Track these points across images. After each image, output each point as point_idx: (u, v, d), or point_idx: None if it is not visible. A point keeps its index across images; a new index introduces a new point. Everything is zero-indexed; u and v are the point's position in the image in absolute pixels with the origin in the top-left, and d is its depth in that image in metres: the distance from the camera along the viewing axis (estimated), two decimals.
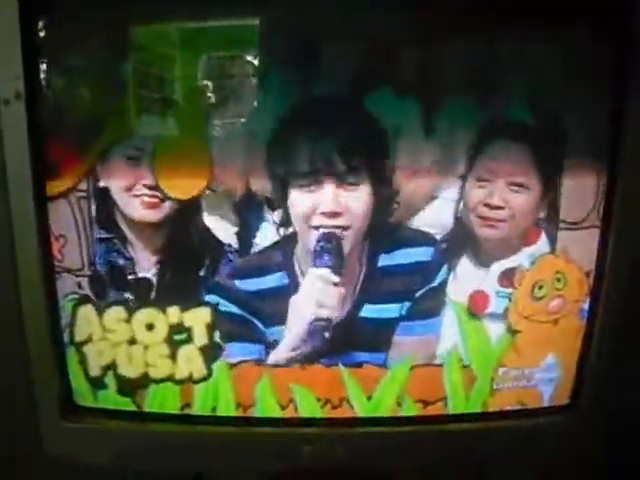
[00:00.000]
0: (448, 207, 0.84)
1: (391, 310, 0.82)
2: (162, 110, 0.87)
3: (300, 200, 0.76)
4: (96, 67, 0.86)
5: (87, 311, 0.92)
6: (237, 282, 0.80)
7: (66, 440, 0.96)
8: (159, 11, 0.86)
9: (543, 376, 0.97)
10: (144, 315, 0.92)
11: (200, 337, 0.92)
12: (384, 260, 0.80)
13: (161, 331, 0.92)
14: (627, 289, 0.93)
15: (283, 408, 0.95)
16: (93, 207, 0.89)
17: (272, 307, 0.81)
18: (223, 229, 0.82)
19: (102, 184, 0.87)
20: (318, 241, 0.76)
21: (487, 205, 0.86)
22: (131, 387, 0.95)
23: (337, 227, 0.76)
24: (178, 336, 0.92)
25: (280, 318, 0.83)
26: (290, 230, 0.80)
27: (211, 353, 0.93)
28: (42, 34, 0.85)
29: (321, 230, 0.76)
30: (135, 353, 0.93)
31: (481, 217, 0.86)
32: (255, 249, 0.81)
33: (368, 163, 0.75)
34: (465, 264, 0.90)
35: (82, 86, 0.87)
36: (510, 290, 0.92)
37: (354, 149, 0.74)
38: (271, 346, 0.84)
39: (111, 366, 0.94)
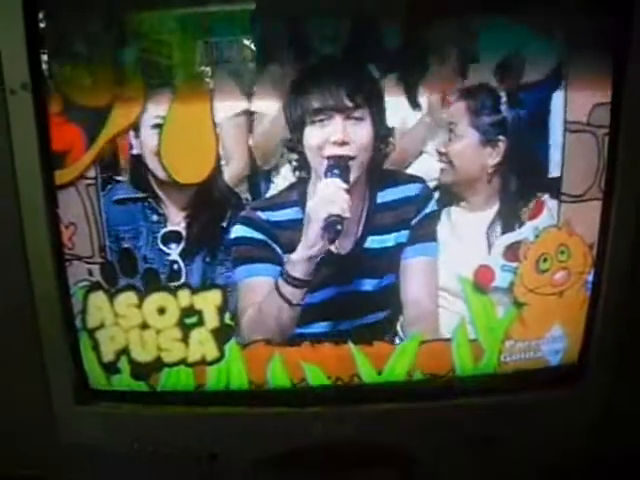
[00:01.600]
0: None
1: (392, 239, 0.93)
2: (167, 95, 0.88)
3: (314, 133, 0.88)
4: (100, 55, 0.87)
5: (98, 297, 0.93)
6: (259, 213, 0.92)
7: (80, 424, 0.98)
8: None
9: (549, 347, 0.98)
10: (155, 300, 0.93)
11: (211, 319, 0.94)
12: (382, 197, 0.92)
13: (172, 315, 0.93)
14: (630, 260, 0.94)
15: (294, 386, 0.96)
16: (102, 194, 0.90)
17: (289, 236, 0.91)
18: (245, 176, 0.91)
19: (135, 151, 0.89)
20: (329, 163, 0.88)
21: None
22: (144, 371, 0.96)
23: (345, 156, 0.88)
24: (189, 319, 0.94)
25: (296, 246, 0.91)
26: (304, 172, 0.91)
27: (223, 335, 0.94)
28: (45, 24, 0.86)
29: (333, 156, 0.88)
30: (147, 337, 0.94)
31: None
32: (275, 189, 0.91)
33: (370, 101, 0.88)
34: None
35: (87, 74, 0.87)
36: (515, 264, 0.94)
37: (358, 88, 0.87)
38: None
39: (124, 351, 0.95)
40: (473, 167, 0.92)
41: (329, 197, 0.88)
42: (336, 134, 0.88)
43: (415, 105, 0.89)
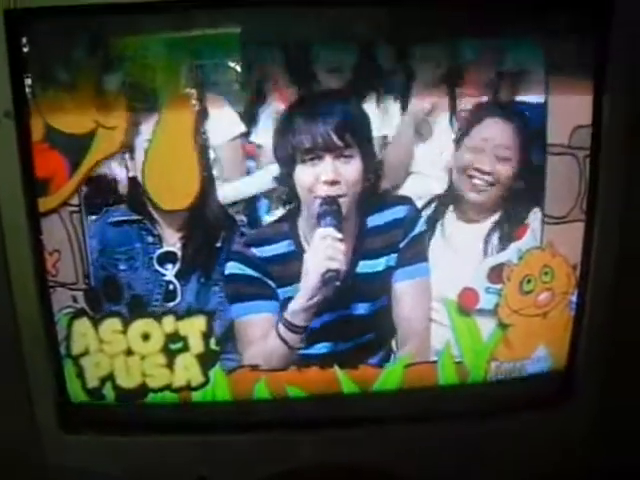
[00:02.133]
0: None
1: (383, 263, 0.94)
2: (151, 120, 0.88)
3: (305, 173, 0.89)
4: (83, 81, 0.87)
5: (83, 324, 0.93)
6: (251, 249, 0.92)
7: (67, 451, 0.97)
8: (143, 22, 0.87)
9: (535, 368, 0.98)
10: (139, 326, 0.93)
11: (196, 345, 0.93)
12: (371, 222, 0.93)
13: (157, 341, 0.93)
14: (613, 280, 0.95)
15: (281, 410, 0.96)
16: (85, 221, 0.90)
17: (282, 270, 0.93)
18: (236, 208, 0.92)
19: (131, 174, 0.89)
20: (321, 206, 0.89)
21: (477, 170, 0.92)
22: (130, 397, 0.95)
23: (336, 195, 0.89)
24: (174, 345, 0.93)
25: (289, 279, 0.92)
26: (294, 205, 0.92)
27: (207, 360, 0.94)
28: (27, 49, 0.86)
29: (323, 196, 0.89)
30: (132, 364, 0.94)
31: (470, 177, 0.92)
32: (265, 222, 0.93)
33: (358, 140, 0.89)
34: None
35: (70, 101, 0.87)
36: (499, 286, 0.94)
37: (347, 128, 0.88)
38: (283, 303, 0.93)
39: (109, 377, 0.95)
40: (457, 190, 0.93)
41: (326, 252, 0.88)
42: (327, 174, 0.89)
43: (403, 131, 0.90)
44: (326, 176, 0.88)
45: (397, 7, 0.86)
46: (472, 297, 0.94)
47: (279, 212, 0.92)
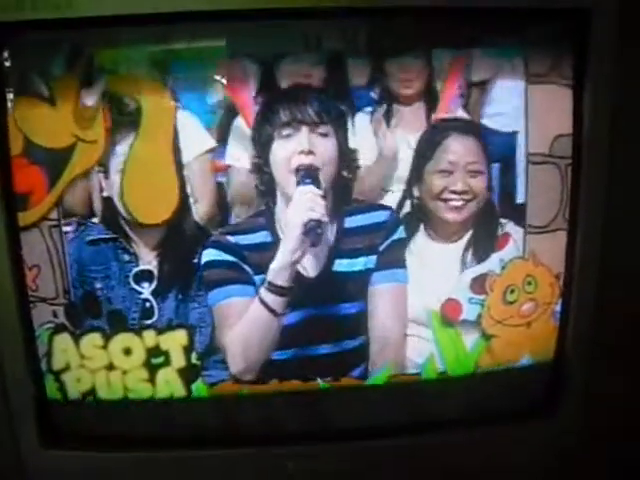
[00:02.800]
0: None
1: (360, 263, 0.94)
2: (130, 134, 0.88)
3: (282, 147, 0.90)
4: (62, 95, 0.87)
5: (64, 339, 0.92)
6: (230, 237, 0.93)
7: (48, 467, 0.96)
8: (124, 36, 0.87)
9: (519, 378, 0.98)
10: (120, 340, 0.92)
11: (177, 359, 0.93)
12: (350, 222, 0.94)
13: (138, 356, 0.92)
14: (597, 289, 0.95)
15: (263, 425, 0.95)
16: (65, 236, 0.90)
17: (259, 258, 0.93)
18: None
19: (106, 194, 0.89)
20: (298, 173, 0.90)
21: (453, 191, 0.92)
22: (111, 412, 0.95)
23: (313, 165, 0.90)
24: (156, 360, 0.93)
25: (266, 267, 0.92)
26: (271, 197, 0.92)
27: (189, 374, 0.93)
28: (6, 63, 0.86)
29: (300, 167, 0.90)
30: (114, 379, 0.93)
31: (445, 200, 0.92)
32: (244, 214, 0.93)
33: (332, 119, 0.91)
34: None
35: (49, 115, 0.87)
36: (482, 296, 0.94)
37: (322, 106, 0.90)
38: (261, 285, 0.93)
39: (90, 393, 0.94)
40: (439, 200, 0.92)
41: (306, 203, 0.89)
42: (302, 144, 0.90)
43: (381, 136, 0.91)
44: (302, 146, 0.90)
45: (372, 18, 0.86)
46: (455, 308, 0.94)
47: (256, 207, 0.93)
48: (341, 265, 0.94)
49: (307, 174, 0.90)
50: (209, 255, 0.92)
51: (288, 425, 0.96)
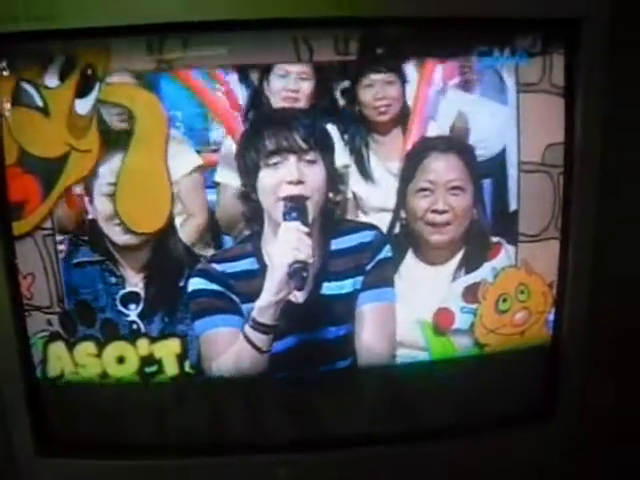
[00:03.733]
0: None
1: (348, 285, 0.93)
2: (123, 145, 0.88)
3: (269, 175, 0.89)
4: (56, 105, 0.87)
5: (58, 347, 0.93)
6: (214, 265, 0.92)
7: (43, 475, 0.96)
8: (117, 47, 0.87)
9: (514, 387, 0.97)
10: (114, 349, 0.92)
11: (171, 367, 0.93)
12: (336, 244, 0.93)
13: (132, 364, 0.93)
14: (589, 297, 0.94)
15: (256, 433, 0.96)
16: (59, 245, 0.90)
17: (245, 286, 0.92)
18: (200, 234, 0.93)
19: (91, 216, 0.90)
20: (286, 205, 0.89)
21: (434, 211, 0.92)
22: (105, 420, 0.95)
23: (301, 196, 0.89)
24: (149, 368, 0.93)
25: (253, 296, 0.90)
26: (258, 223, 0.92)
27: (182, 382, 0.93)
28: (2, 74, 0.86)
29: (288, 197, 0.89)
30: (108, 387, 0.93)
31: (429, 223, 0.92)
32: (229, 242, 0.93)
33: (321, 145, 0.90)
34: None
35: (42, 125, 0.87)
36: (474, 305, 0.94)
37: (310, 133, 0.89)
38: (247, 318, 0.91)
39: (85, 400, 0.94)
40: (423, 222, 0.92)
41: (292, 243, 0.87)
42: (291, 174, 0.89)
43: (362, 163, 0.92)
44: (291, 176, 0.89)
45: (363, 27, 0.86)
46: (448, 317, 0.94)
47: (242, 232, 0.92)
48: (329, 288, 0.93)
49: (294, 207, 0.88)
50: (195, 284, 0.92)
51: (279, 433, 0.96)
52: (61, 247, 0.90)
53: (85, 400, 0.95)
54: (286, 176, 0.89)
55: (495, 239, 0.93)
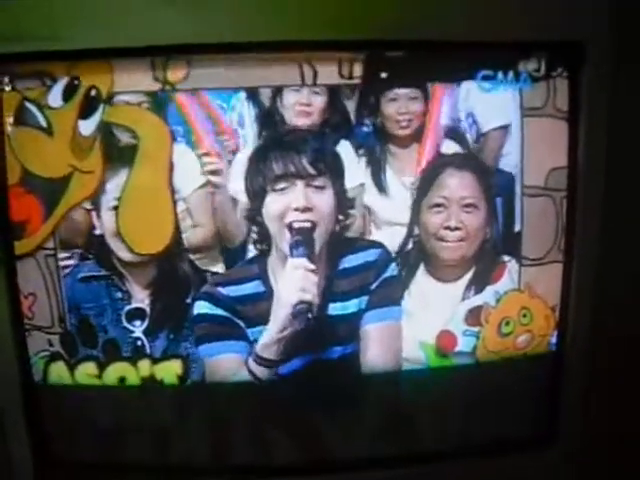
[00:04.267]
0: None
1: (354, 305, 0.92)
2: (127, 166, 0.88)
3: (275, 201, 0.88)
4: (60, 125, 0.87)
5: (58, 367, 0.92)
6: (219, 288, 0.91)
7: None
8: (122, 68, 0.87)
9: (516, 410, 0.97)
10: (115, 370, 0.92)
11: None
12: (342, 264, 0.92)
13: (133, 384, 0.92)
14: (593, 321, 0.94)
15: (259, 455, 0.95)
16: (64, 261, 0.90)
17: (251, 310, 0.91)
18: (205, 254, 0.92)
19: (98, 232, 0.89)
20: (293, 236, 0.87)
21: (447, 228, 0.91)
22: (106, 441, 0.95)
23: (307, 222, 0.88)
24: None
25: (259, 320, 0.90)
26: (264, 245, 0.91)
27: (184, 403, 0.93)
28: (3, 93, 0.86)
29: (295, 225, 0.88)
30: (108, 407, 0.93)
31: (441, 239, 0.92)
32: (235, 263, 0.92)
33: (331, 169, 0.89)
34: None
35: (46, 145, 0.87)
36: (477, 328, 0.93)
37: (319, 157, 0.88)
38: (253, 344, 0.91)
39: (85, 421, 0.94)
40: (435, 239, 0.92)
41: (298, 283, 0.86)
42: (298, 201, 0.87)
43: (378, 177, 0.91)
44: (297, 203, 0.87)
45: (368, 53, 0.86)
46: (450, 340, 0.93)
47: (249, 253, 0.91)
48: (335, 309, 0.91)
49: (300, 240, 0.87)
50: (200, 308, 0.91)
51: (280, 455, 0.96)
52: (66, 263, 0.90)
53: (85, 420, 0.94)
54: (293, 202, 0.88)
55: (501, 261, 0.93)
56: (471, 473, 0.97)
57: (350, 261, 0.92)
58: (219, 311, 0.91)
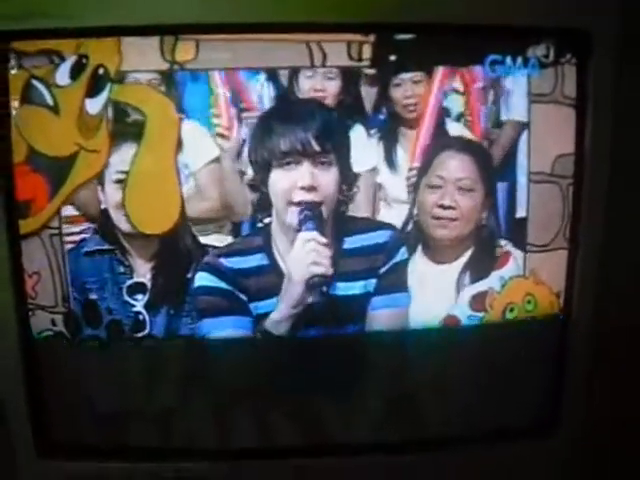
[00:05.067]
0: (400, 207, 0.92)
1: (360, 287, 0.91)
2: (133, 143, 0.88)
3: (281, 178, 0.87)
4: (66, 104, 0.87)
5: (61, 347, 0.92)
6: (223, 260, 0.89)
7: (43, 478, 0.95)
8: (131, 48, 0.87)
9: (519, 397, 0.97)
10: (118, 349, 0.92)
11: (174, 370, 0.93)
12: (349, 243, 0.91)
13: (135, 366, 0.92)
14: (596, 309, 0.94)
15: (262, 437, 0.95)
16: (65, 244, 0.90)
17: (255, 284, 0.89)
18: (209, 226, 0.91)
19: (103, 206, 0.89)
20: (300, 212, 0.86)
21: (440, 206, 0.91)
22: (108, 422, 0.94)
23: (314, 202, 0.87)
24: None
25: (263, 294, 0.89)
26: (267, 216, 0.90)
27: (187, 385, 0.93)
28: (10, 71, 0.86)
29: (302, 201, 0.86)
30: (111, 388, 0.93)
31: (435, 218, 0.92)
32: (238, 234, 0.91)
33: (338, 146, 0.88)
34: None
35: (52, 124, 0.87)
36: (481, 314, 0.93)
37: (326, 134, 0.86)
38: (256, 319, 0.89)
39: (87, 403, 0.93)
40: (430, 217, 0.92)
41: (310, 256, 0.85)
42: (304, 179, 0.87)
43: (386, 156, 0.91)
44: (303, 182, 0.86)
45: (377, 35, 0.86)
46: (454, 324, 0.93)
47: (253, 225, 0.91)
48: (339, 289, 0.90)
49: (309, 215, 0.86)
50: (202, 280, 0.89)
51: (283, 438, 0.96)
52: (70, 238, 0.89)
53: (87, 402, 0.94)
54: (299, 181, 0.87)
55: (504, 248, 0.93)
56: (474, 459, 0.97)
57: (357, 241, 0.91)
58: (222, 284, 0.89)
